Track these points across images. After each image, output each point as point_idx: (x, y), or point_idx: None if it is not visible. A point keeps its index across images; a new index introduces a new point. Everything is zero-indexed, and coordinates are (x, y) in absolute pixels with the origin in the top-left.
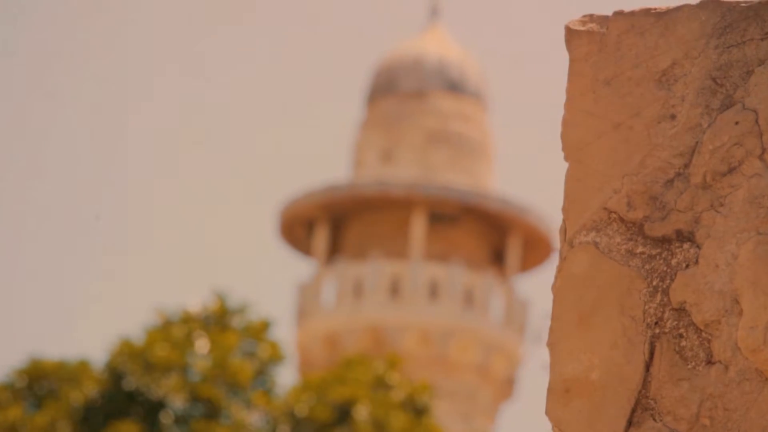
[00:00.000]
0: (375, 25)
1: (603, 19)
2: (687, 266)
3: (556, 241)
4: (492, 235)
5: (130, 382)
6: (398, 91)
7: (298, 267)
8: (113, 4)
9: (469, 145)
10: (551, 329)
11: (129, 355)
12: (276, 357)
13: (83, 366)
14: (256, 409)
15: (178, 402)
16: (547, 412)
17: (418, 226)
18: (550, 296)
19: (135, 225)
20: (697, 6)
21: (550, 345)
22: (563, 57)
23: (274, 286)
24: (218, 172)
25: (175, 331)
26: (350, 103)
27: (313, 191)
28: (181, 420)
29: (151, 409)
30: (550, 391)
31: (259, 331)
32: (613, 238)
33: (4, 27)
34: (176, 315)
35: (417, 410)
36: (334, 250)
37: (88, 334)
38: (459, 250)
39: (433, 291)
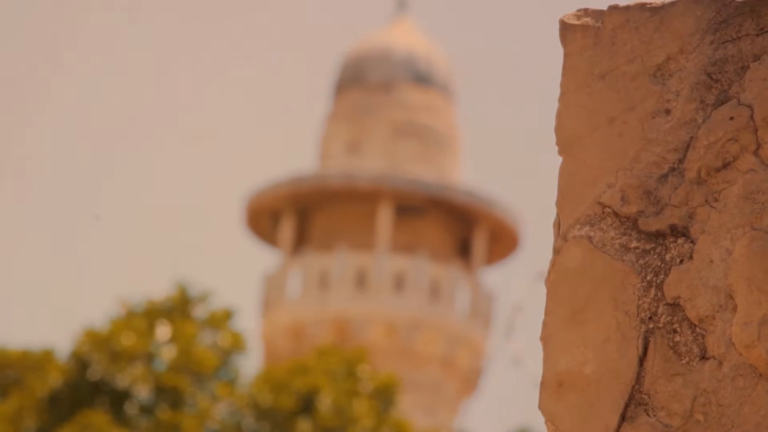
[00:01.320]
0: (343, 16)
1: (598, 13)
2: (681, 261)
3: (523, 234)
4: (458, 227)
5: (96, 372)
6: (366, 83)
7: (264, 258)
8: None
9: (436, 138)
10: (544, 323)
11: (94, 344)
12: (238, 346)
13: (47, 355)
14: (220, 399)
15: (143, 392)
16: (539, 406)
17: (385, 218)
18: (516, 289)
19: (100, 214)
20: (693, 1)
21: (544, 339)
22: (530, 50)
23: (239, 276)
24: (185, 163)
25: (139, 320)
26: (318, 95)
27: (279, 182)
28: (146, 409)
29: (117, 399)
30: (543, 385)
31: (221, 320)
32: (607, 232)
33: None
34: (140, 305)
35: (383, 402)
36: (300, 241)
37: (51, 323)
38: (425, 243)
39: (399, 283)
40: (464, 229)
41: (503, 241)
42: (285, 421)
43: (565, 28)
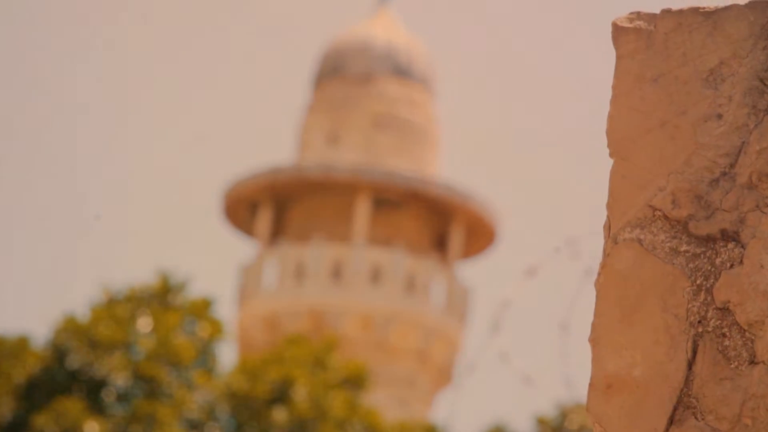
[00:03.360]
0: (324, 8)
1: (650, 17)
2: (731, 266)
3: (500, 229)
4: (435, 221)
5: (74, 360)
6: (345, 75)
7: (241, 248)
8: None
9: (414, 131)
10: (593, 325)
11: (72, 332)
12: (217, 334)
13: (23, 342)
14: (197, 389)
15: (120, 380)
16: (588, 408)
17: (362, 210)
18: (499, 284)
19: (80, 202)
20: (746, 6)
21: (593, 341)
22: (510, 45)
23: (216, 266)
24: (164, 152)
25: (119, 309)
26: (297, 86)
27: (257, 173)
28: (123, 398)
29: (94, 387)
30: (592, 387)
31: (201, 309)
32: (658, 235)
33: None
34: (121, 292)
35: (354, 391)
36: (277, 232)
37: (31, 310)
38: (402, 235)
39: (375, 275)
40: (441, 223)
41: (480, 235)
42: (260, 410)
43: (618, 31)
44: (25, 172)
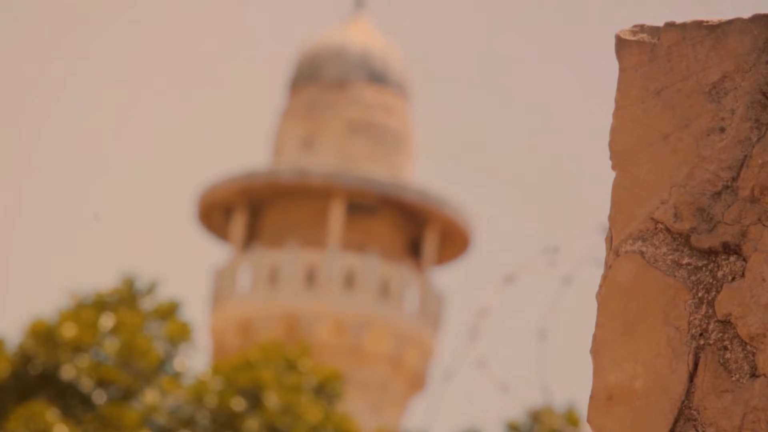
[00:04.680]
0: (300, 13)
1: (654, 30)
2: (733, 279)
3: (474, 235)
4: (409, 226)
5: (40, 364)
6: (321, 80)
7: (215, 252)
8: None
9: (389, 136)
10: (595, 337)
11: (39, 336)
12: (185, 337)
13: None
14: (166, 393)
15: (87, 384)
16: (588, 420)
17: (336, 216)
18: (467, 289)
19: (52, 206)
20: (750, 20)
21: (594, 352)
22: (485, 51)
23: (190, 270)
24: (138, 155)
25: (86, 312)
26: (273, 91)
27: (232, 177)
28: (90, 402)
29: (62, 391)
30: (593, 398)
31: (168, 311)
32: (660, 248)
33: None
34: (89, 297)
35: (328, 398)
36: (251, 236)
37: (3, 314)
38: (376, 241)
39: (349, 281)
40: (415, 229)
41: (454, 242)
42: (232, 418)
43: (621, 44)
44: None
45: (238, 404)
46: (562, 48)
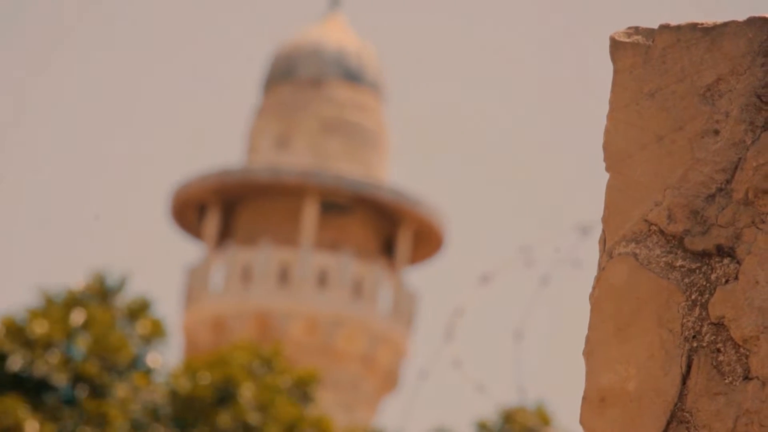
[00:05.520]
0: (275, 12)
1: (649, 32)
2: (727, 281)
3: (448, 235)
4: (383, 226)
5: (13, 362)
6: (295, 79)
7: (188, 250)
8: None
9: (364, 136)
10: (588, 338)
11: (10, 333)
12: (157, 334)
13: None
14: (138, 389)
15: (61, 381)
16: (581, 421)
17: (310, 214)
18: (440, 289)
19: (26, 203)
20: (745, 23)
21: (587, 354)
22: (460, 51)
23: (163, 268)
24: (112, 152)
25: (57, 310)
26: (247, 89)
27: (206, 175)
28: (64, 399)
29: (35, 388)
30: (585, 400)
31: (140, 309)
32: (653, 250)
33: None
34: (59, 294)
35: (302, 397)
36: (225, 234)
37: None
38: (349, 240)
39: (322, 280)
40: (389, 228)
41: (427, 241)
42: (204, 413)
43: (615, 46)
44: None
45: (210, 400)
46: (538, 47)
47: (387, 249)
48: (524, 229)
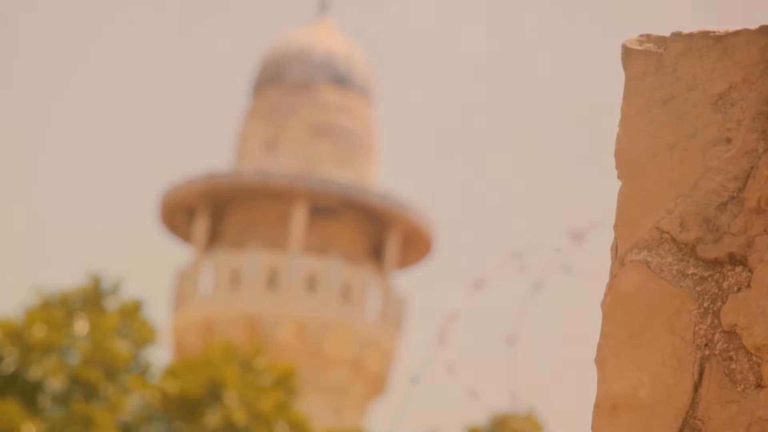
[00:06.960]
0: (264, 15)
1: (661, 40)
2: (739, 289)
3: (436, 239)
4: (372, 230)
5: (8, 364)
6: (284, 83)
7: (177, 253)
8: None
9: (352, 140)
10: (599, 346)
11: (6, 336)
12: (149, 336)
13: None
14: (132, 392)
15: (56, 383)
16: (593, 428)
17: (299, 218)
18: (429, 293)
19: (17, 206)
20: (757, 31)
21: (599, 362)
22: (449, 55)
23: (152, 271)
24: (101, 155)
25: (54, 312)
26: (237, 93)
27: (195, 178)
28: (59, 401)
29: (30, 390)
30: (597, 407)
31: (131, 311)
32: (665, 258)
33: None
34: (55, 296)
35: (285, 394)
36: (214, 238)
37: None
38: (338, 244)
39: (311, 283)
40: (377, 232)
41: (416, 245)
42: (193, 413)
43: (627, 54)
44: None
45: (198, 401)
46: (528, 52)
47: (375, 253)
48: (512, 234)
